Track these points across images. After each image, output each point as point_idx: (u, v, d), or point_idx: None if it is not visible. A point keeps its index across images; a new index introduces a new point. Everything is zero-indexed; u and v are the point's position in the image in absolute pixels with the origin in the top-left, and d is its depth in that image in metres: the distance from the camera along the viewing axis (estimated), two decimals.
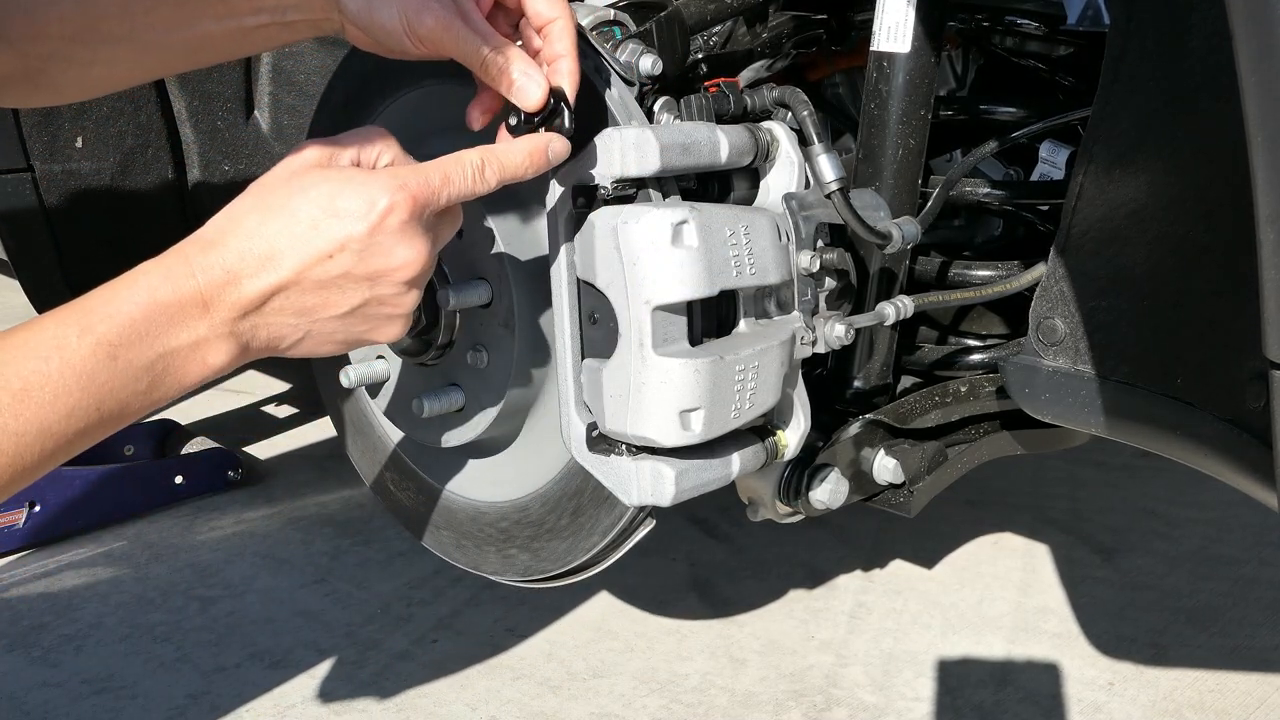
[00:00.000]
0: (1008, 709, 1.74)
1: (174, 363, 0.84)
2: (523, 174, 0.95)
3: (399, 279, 0.89)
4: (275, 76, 1.80)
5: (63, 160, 1.65)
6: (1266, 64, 0.72)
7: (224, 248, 0.86)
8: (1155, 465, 2.57)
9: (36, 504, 2.27)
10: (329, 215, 0.86)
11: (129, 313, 0.82)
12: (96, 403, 0.81)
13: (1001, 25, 1.44)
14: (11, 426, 0.77)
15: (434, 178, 0.90)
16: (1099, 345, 1.11)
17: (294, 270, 0.86)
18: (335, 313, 0.89)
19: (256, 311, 0.87)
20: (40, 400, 0.78)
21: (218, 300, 0.85)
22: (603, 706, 1.76)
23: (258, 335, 0.88)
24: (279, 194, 0.88)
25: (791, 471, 1.25)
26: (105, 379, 0.81)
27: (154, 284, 0.83)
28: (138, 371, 0.82)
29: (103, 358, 0.80)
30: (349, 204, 0.87)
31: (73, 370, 0.79)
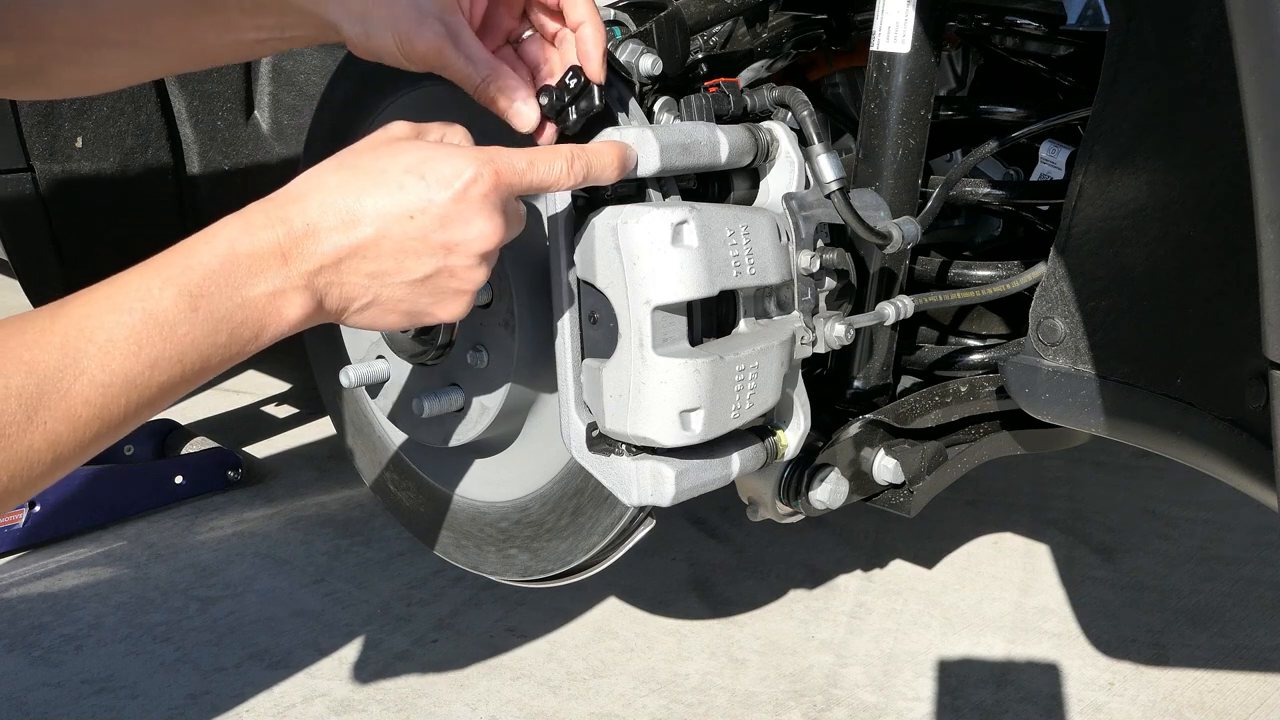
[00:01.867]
0: (1008, 709, 1.74)
1: (252, 314, 0.85)
2: (609, 177, 0.98)
3: (473, 250, 0.90)
4: (275, 76, 1.80)
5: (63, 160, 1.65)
6: (1266, 64, 0.72)
7: (306, 202, 0.87)
8: (1155, 465, 2.57)
9: (36, 504, 2.27)
10: (416, 178, 0.88)
11: (208, 264, 0.83)
12: (179, 354, 0.81)
13: (1001, 25, 1.44)
14: (99, 378, 0.78)
15: (519, 161, 0.92)
16: (1099, 345, 1.11)
17: (375, 228, 0.87)
18: (407, 278, 0.90)
19: (333, 268, 0.87)
20: (125, 351, 0.79)
21: (296, 252, 0.85)
22: (603, 706, 1.76)
23: (330, 293, 0.88)
24: (366, 157, 0.90)
25: (791, 471, 1.25)
26: (186, 330, 0.81)
27: (233, 236, 0.84)
28: (217, 322, 0.83)
29: (184, 309, 0.81)
30: (437, 170, 0.88)
31: (155, 321, 0.80)
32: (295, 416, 3.06)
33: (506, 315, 1.17)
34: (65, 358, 0.77)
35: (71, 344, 0.77)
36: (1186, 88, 1.00)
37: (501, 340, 1.18)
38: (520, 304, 1.16)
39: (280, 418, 3.07)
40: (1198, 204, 1.02)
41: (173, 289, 0.81)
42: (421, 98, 1.28)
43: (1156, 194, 1.04)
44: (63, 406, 0.76)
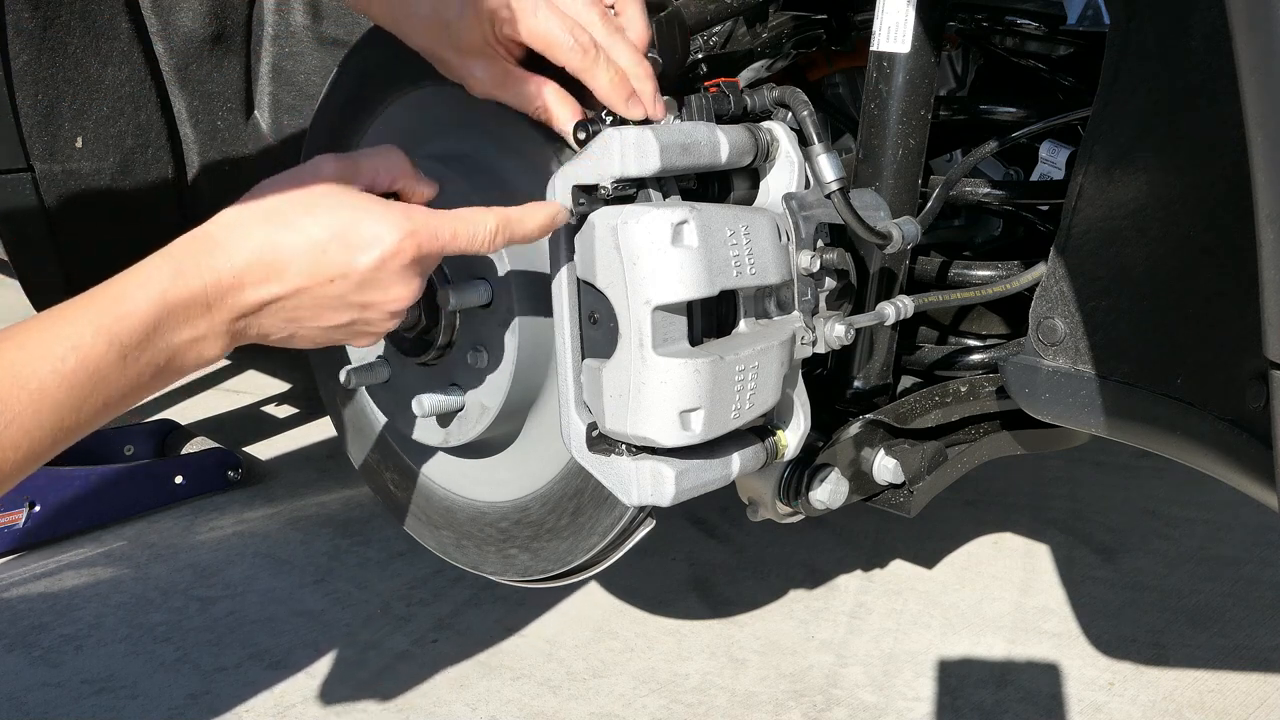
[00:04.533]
0: (1008, 709, 1.74)
1: (175, 358, 0.90)
2: (535, 238, 1.02)
3: (388, 310, 0.97)
4: (275, 76, 1.80)
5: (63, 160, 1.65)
6: (1266, 64, 0.72)
7: (232, 252, 0.91)
8: (1155, 465, 2.57)
9: (36, 504, 2.27)
10: (339, 243, 0.92)
11: (141, 312, 0.86)
12: (105, 399, 0.85)
13: (1001, 25, 1.44)
14: (30, 424, 0.81)
15: (444, 231, 0.96)
16: (1099, 345, 1.11)
17: (296, 287, 0.92)
18: (323, 325, 0.96)
19: (254, 314, 0.92)
20: (56, 400, 0.82)
21: (221, 303, 0.90)
22: (603, 706, 1.76)
23: (248, 332, 0.94)
24: (292, 209, 0.93)
25: (791, 471, 1.25)
26: (116, 378, 0.85)
27: (165, 284, 0.88)
28: (143, 368, 0.87)
29: (115, 359, 0.85)
30: (360, 237, 0.92)
31: (87, 371, 0.83)
32: (295, 416, 3.06)
33: (506, 315, 1.17)
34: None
35: (4, 389, 0.80)
36: (1186, 88, 1.00)
37: (501, 340, 1.18)
38: (520, 304, 1.16)
39: (280, 418, 3.07)
40: (1198, 204, 1.02)
41: (105, 339, 0.84)
42: (422, 98, 1.28)
43: (1156, 194, 1.04)
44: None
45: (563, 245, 1.05)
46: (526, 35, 1.05)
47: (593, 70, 1.04)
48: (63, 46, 1.59)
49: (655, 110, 1.07)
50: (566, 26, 1.04)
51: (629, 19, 1.10)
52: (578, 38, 1.04)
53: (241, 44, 1.77)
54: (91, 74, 1.64)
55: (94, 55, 1.63)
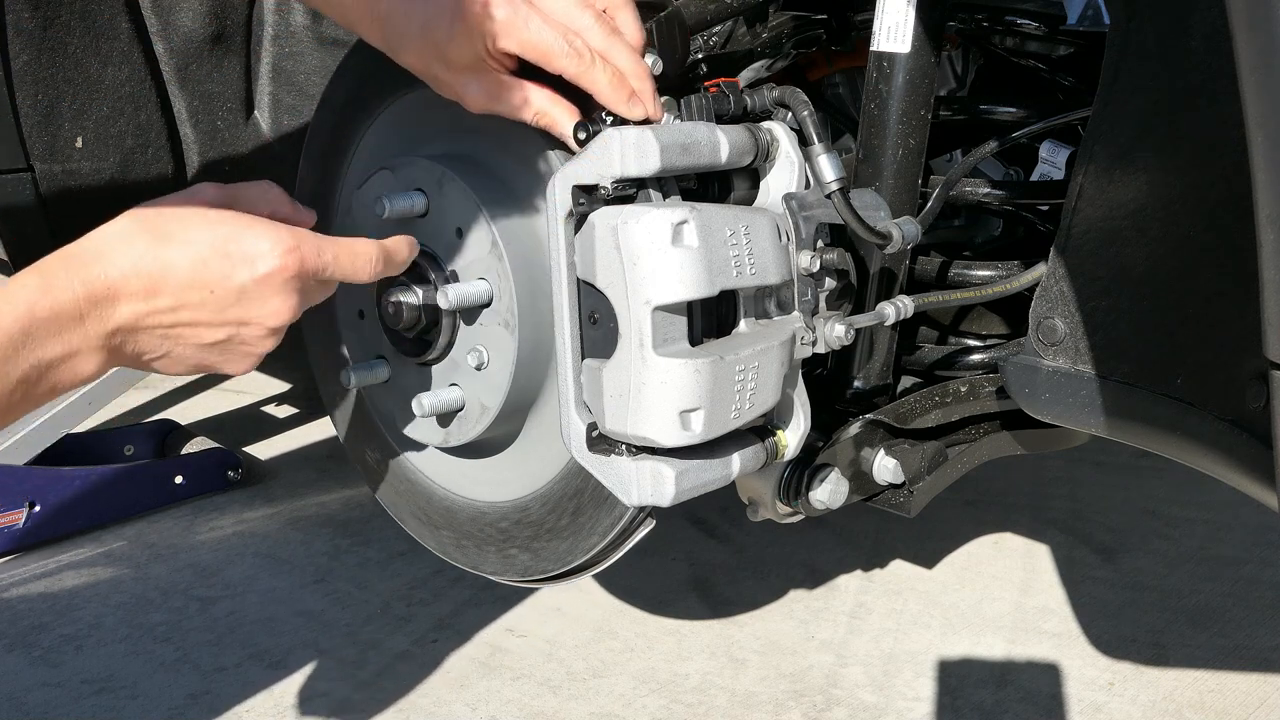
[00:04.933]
0: (1008, 709, 1.74)
1: (47, 373, 0.87)
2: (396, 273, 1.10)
3: (266, 325, 0.96)
4: (275, 76, 1.80)
5: (63, 160, 1.65)
6: (1266, 64, 0.72)
7: (108, 264, 0.89)
8: (1155, 465, 2.57)
9: (36, 504, 2.28)
10: (221, 255, 0.92)
11: (6, 327, 0.84)
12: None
13: (1001, 25, 1.44)
14: None
15: (326, 253, 0.98)
16: (1099, 345, 1.11)
17: (174, 297, 0.91)
18: (199, 342, 0.95)
19: (130, 329, 0.91)
20: None
21: (94, 314, 0.88)
22: (603, 706, 1.76)
23: (125, 349, 0.92)
24: (174, 223, 0.92)
25: (791, 471, 1.25)
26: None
27: (32, 297, 0.86)
28: (12, 384, 0.85)
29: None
30: (243, 249, 0.93)
31: None
32: (295, 416, 3.07)
33: (506, 315, 1.17)
34: None
35: None
36: (1186, 88, 1.00)
37: (501, 340, 1.18)
38: (520, 304, 1.16)
39: (280, 418, 3.07)
40: (1198, 204, 1.02)
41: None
42: (421, 98, 1.28)
43: (1156, 194, 1.04)
44: None
45: (563, 245, 1.05)
46: (520, 47, 1.05)
47: (591, 73, 1.04)
48: (63, 46, 1.59)
49: (655, 110, 1.07)
50: (560, 33, 1.04)
51: (623, 21, 1.09)
52: (572, 43, 1.04)
53: (242, 44, 1.77)
54: (91, 74, 1.64)
55: (94, 55, 1.63)
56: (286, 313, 0.96)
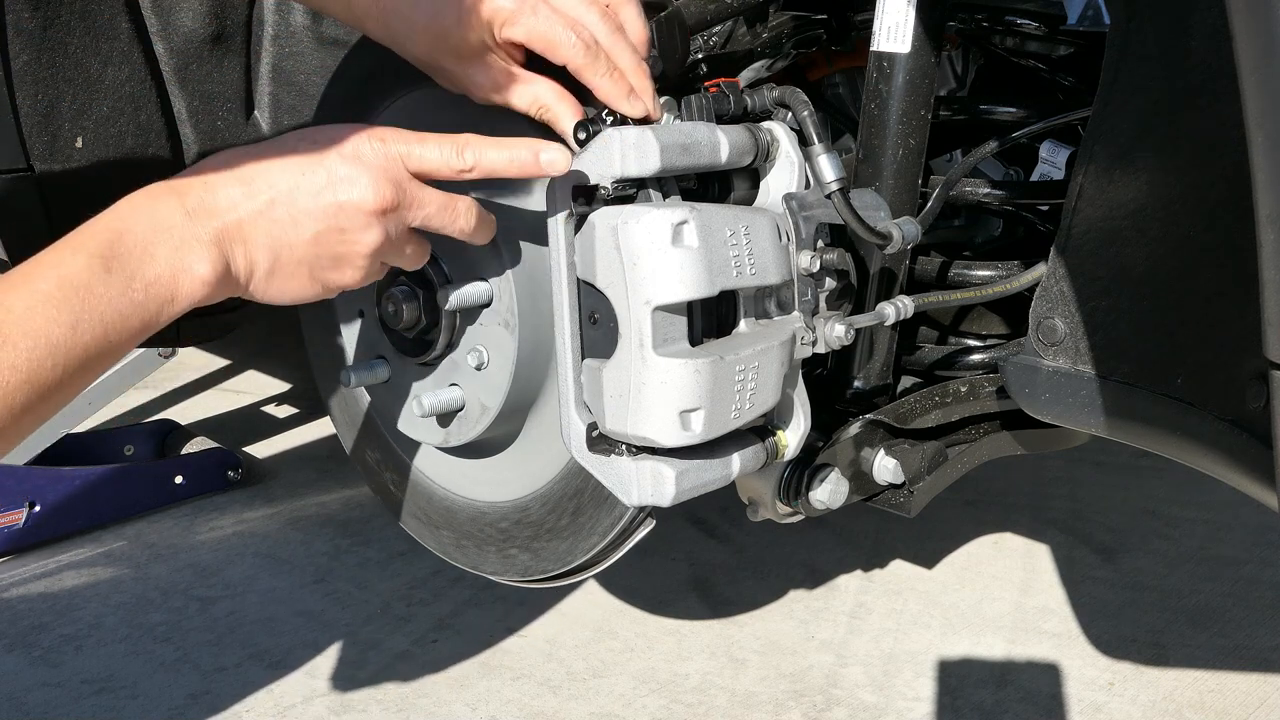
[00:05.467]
0: (1008, 709, 1.74)
1: (164, 270, 0.88)
2: (502, 171, 1.01)
3: (362, 209, 0.95)
4: (275, 76, 1.80)
5: (63, 160, 1.65)
6: (1266, 64, 0.72)
7: (202, 168, 0.93)
8: (1155, 465, 2.57)
9: (36, 504, 2.28)
10: (309, 142, 0.95)
11: (114, 226, 0.87)
12: (99, 314, 0.84)
13: (1001, 25, 1.44)
14: (22, 344, 0.80)
15: (411, 135, 0.98)
16: (1099, 345, 1.11)
17: (269, 186, 0.93)
18: (301, 236, 0.94)
19: (235, 227, 0.91)
20: (45, 315, 0.81)
21: (198, 207, 0.90)
22: (603, 706, 1.76)
23: (235, 255, 0.92)
24: (264, 142, 0.97)
25: (791, 471, 1.25)
26: (103, 290, 0.84)
27: (137, 201, 0.89)
28: (130, 279, 0.86)
29: (97, 270, 0.84)
30: (328, 134, 0.95)
31: (70, 284, 0.83)
32: (295, 416, 3.07)
33: (506, 315, 1.17)
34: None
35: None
36: (1186, 88, 1.00)
37: (502, 340, 1.18)
38: (520, 304, 1.16)
39: (280, 418, 3.07)
40: (1198, 204, 1.02)
41: (83, 254, 0.85)
42: (420, 98, 1.28)
43: (1156, 194, 1.04)
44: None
45: (563, 245, 1.05)
46: (527, 35, 1.05)
47: (593, 67, 1.04)
48: (63, 46, 1.59)
49: (654, 109, 1.07)
50: (568, 24, 1.04)
51: (627, 18, 1.10)
52: (580, 34, 1.04)
53: (242, 44, 1.77)
54: (91, 74, 1.63)
55: (94, 55, 1.63)
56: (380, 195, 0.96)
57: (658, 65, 1.11)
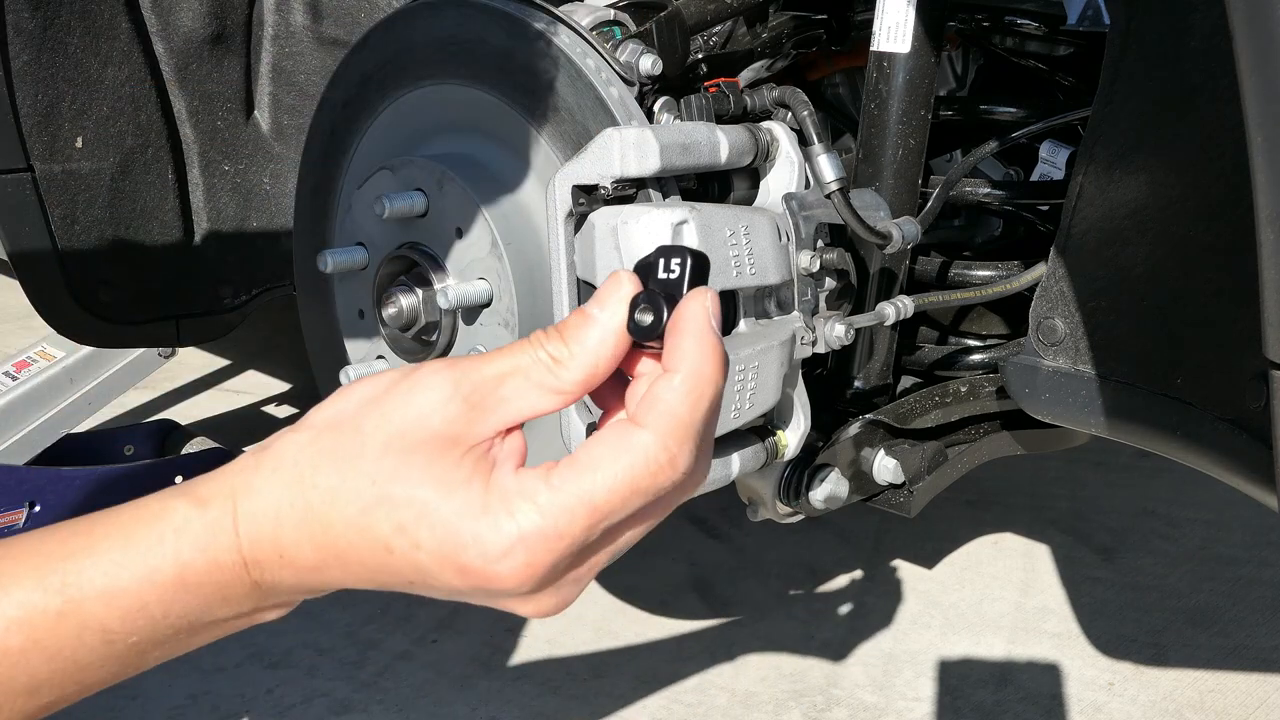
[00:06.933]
0: (1008, 709, 1.74)
1: (204, 633, 0.66)
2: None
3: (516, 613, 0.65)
4: (275, 76, 1.80)
5: (63, 160, 1.65)
6: (1266, 64, 0.72)
7: (279, 519, 0.63)
8: (1155, 465, 2.57)
9: (36, 504, 2.27)
10: (411, 545, 0.61)
11: (140, 595, 0.63)
12: (78, 682, 0.64)
13: (1001, 25, 1.44)
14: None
15: (576, 518, 0.60)
16: (1099, 345, 1.11)
17: (367, 578, 0.64)
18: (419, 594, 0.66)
19: (317, 589, 0.66)
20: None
21: (269, 587, 0.64)
22: (603, 706, 1.76)
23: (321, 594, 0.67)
24: (362, 464, 0.62)
25: (791, 471, 1.25)
26: (87, 657, 0.64)
27: (185, 556, 0.64)
28: (146, 648, 0.65)
29: (97, 644, 0.63)
30: (437, 543, 0.60)
31: (40, 646, 0.62)
32: (295, 416, 3.06)
33: (506, 315, 1.17)
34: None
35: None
36: (1186, 88, 1.00)
37: (501, 340, 1.18)
38: (520, 304, 1.16)
39: (280, 418, 3.07)
40: (1198, 204, 1.02)
41: (74, 620, 0.63)
42: (421, 98, 1.28)
43: (1156, 194, 1.04)
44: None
45: (563, 245, 1.05)
46: None
47: None
48: (63, 46, 1.59)
49: None
50: None
51: None
52: None
53: (241, 44, 1.77)
54: (91, 74, 1.63)
55: (94, 55, 1.63)
56: (543, 610, 0.64)
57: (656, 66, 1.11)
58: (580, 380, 0.62)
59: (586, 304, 0.63)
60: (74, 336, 1.78)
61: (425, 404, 0.62)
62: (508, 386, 0.62)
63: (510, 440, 0.63)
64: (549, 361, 0.62)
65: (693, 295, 0.61)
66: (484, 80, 1.20)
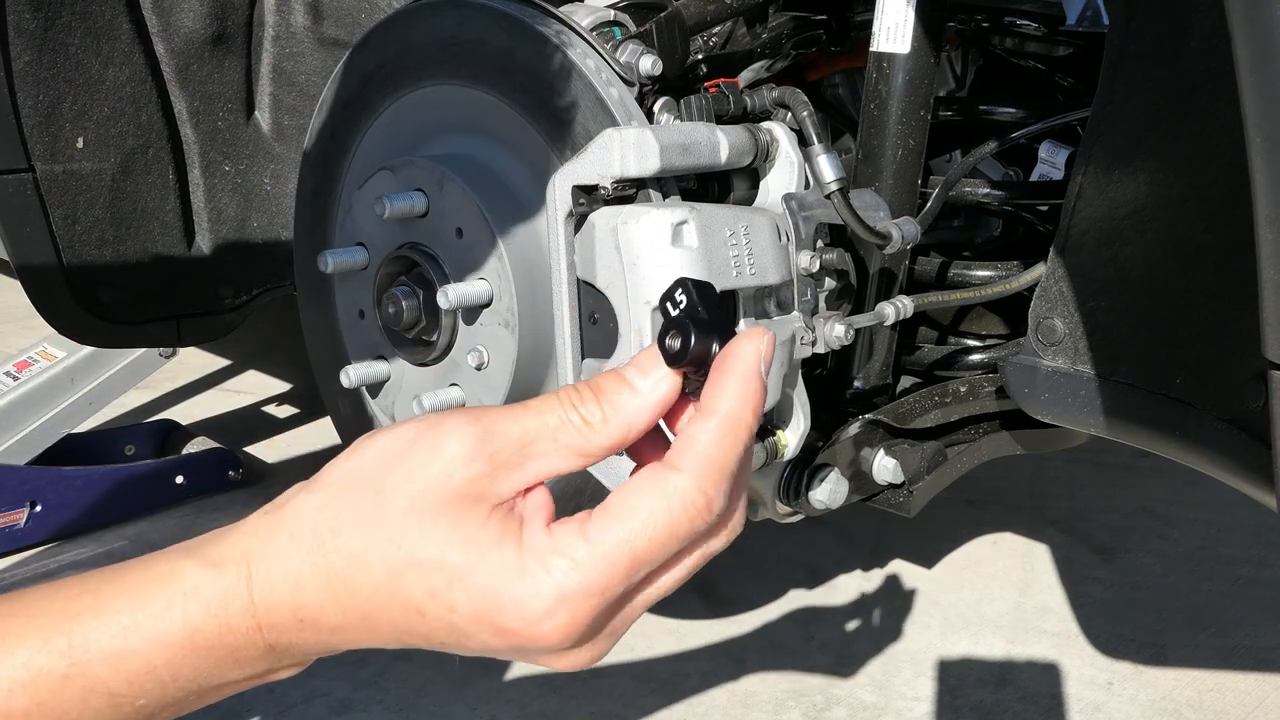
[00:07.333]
0: (1007, 709, 1.74)
1: (212, 695, 0.65)
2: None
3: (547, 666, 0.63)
4: (275, 76, 1.80)
5: (63, 160, 1.65)
6: (1266, 64, 0.72)
7: (299, 582, 0.62)
8: (1155, 465, 2.57)
9: (37, 504, 2.27)
10: (444, 608, 0.59)
11: (149, 658, 0.61)
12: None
13: (1001, 26, 1.45)
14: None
15: (616, 570, 0.60)
16: (1099, 345, 1.11)
17: (393, 639, 0.62)
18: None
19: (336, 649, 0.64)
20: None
21: (285, 649, 0.63)
22: (603, 706, 1.76)
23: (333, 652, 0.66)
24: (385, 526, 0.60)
25: (791, 471, 1.25)
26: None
27: (195, 619, 0.62)
28: (154, 711, 0.63)
29: (103, 706, 0.61)
30: (472, 607, 0.59)
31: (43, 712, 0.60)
32: (295, 416, 3.06)
33: (506, 315, 1.17)
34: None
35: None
36: (1186, 88, 1.00)
37: (501, 340, 1.18)
38: (520, 304, 1.16)
39: (280, 418, 3.07)
40: (1197, 204, 1.02)
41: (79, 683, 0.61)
42: (421, 98, 1.29)
43: (1156, 194, 1.04)
44: None
45: (563, 245, 1.05)
46: None
47: None
48: (64, 47, 1.59)
49: None
50: None
51: None
52: None
53: (242, 44, 1.77)
54: (92, 74, 1.64)
55: (95, 55, 1.63)
56: (582, 663, 0.62)
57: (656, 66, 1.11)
58: (609, 447, 0.62)
59: (626, 368, 0.62)
60: (75, 336, 1.78)
61: (448, 462, 0.60)
62: (535, 447, 0.61)
63: (535, 495, 0.62)
64: (580, 424, 0.61)
65: (749, 334, 0.60)
66: (484, 81, 1.20)
